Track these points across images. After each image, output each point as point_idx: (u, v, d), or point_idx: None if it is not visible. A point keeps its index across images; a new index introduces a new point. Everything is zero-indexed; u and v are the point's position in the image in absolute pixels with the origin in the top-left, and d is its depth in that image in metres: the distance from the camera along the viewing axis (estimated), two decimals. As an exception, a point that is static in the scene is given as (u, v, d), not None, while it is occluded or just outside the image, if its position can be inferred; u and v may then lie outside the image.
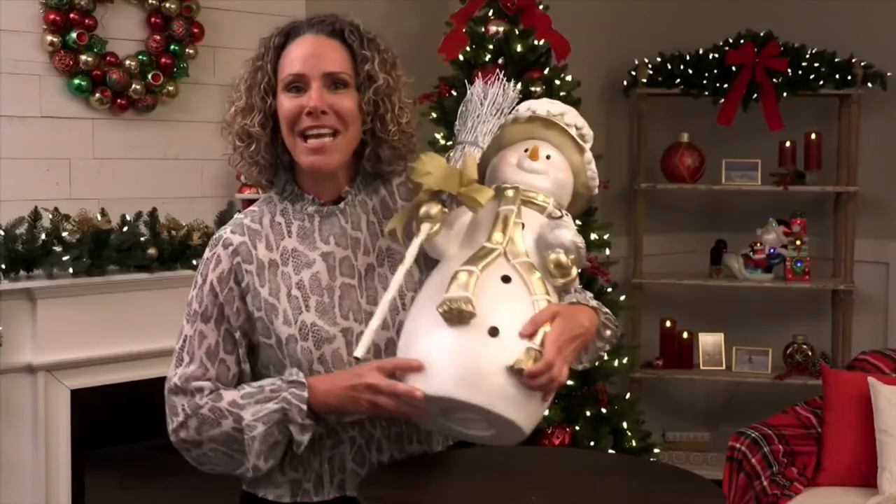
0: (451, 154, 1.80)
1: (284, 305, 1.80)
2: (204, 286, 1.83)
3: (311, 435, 1.75)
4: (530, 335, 1.62)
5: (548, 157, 1.81)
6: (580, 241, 1.72)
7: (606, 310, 1.88)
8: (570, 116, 1.85)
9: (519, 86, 1.87)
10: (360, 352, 1.65)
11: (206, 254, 1.87)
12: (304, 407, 1.73)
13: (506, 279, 1.67)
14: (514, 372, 1.59)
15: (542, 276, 1.69)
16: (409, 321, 1.72)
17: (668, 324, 4.79)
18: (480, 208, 1.73)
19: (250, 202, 2.00)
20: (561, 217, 1.74)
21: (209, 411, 1.77)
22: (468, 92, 1.84)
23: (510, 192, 1.77)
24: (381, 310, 1.68)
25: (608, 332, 1.88)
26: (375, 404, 1.69)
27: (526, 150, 1.81)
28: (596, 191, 1.88)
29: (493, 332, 1.61)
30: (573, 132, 1.83)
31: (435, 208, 1.71)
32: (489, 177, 1.85)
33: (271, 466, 1.78)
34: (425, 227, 1.71)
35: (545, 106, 1.86)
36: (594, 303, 1.85)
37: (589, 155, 1.85)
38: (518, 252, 1.70)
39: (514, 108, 1.84)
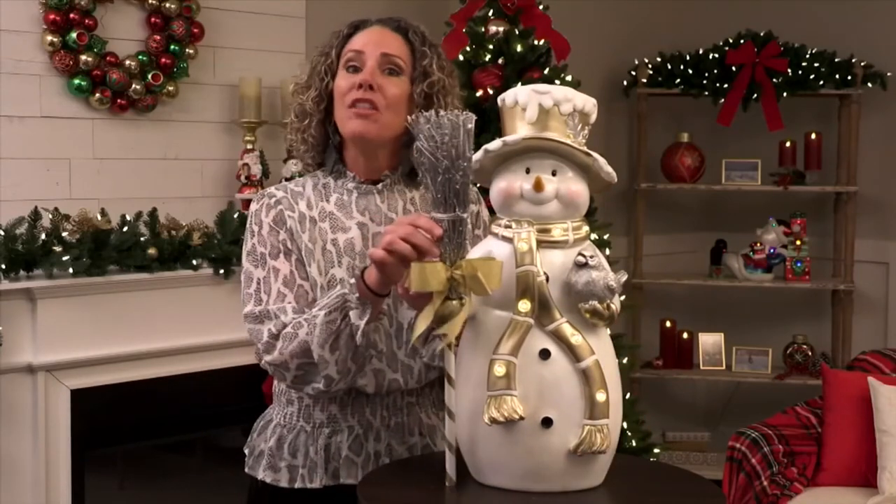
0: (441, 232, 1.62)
1: (318, 257, 1.87)
2: (262, 230, 1.89)
3: (370, 321, 1.73)
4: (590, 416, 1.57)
5: (553, 174, 1.63)
6: (612, 279, 1.58)
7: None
8: (566, 105, 1.64)
9: (471, 116, 1.61)
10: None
11: (254, 206, 1.93)
12: (353, 280, 1.73)
13: (544, 354, 1.57)
14: (579, 453, 1.56)
15: (582, 334, 1.59)
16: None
17: (668, 324, 4.78)
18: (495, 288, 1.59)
19: (250, 202, 2.01)
20: (586, 263, 1.58)
21: (292, 328, 1.80)
22: (414, 149, 1.64)
23: (523, 245, 1.59)
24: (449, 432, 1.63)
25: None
26: (389, 242, 1.63)
27: (528, 171, 1.63)
28: (615, 177, 1.67)
29: (547, 423, 1.56)
30: (570, 139, 1.63)
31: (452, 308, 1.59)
32: (496, 207, 1.68)
33: (337, 361, 1.75)
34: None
35: (533, 101, 1.65)
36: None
37: (596, 156, 1.64)
38: (551, 316, 1.58)
39: (472, 136, 1.60)
